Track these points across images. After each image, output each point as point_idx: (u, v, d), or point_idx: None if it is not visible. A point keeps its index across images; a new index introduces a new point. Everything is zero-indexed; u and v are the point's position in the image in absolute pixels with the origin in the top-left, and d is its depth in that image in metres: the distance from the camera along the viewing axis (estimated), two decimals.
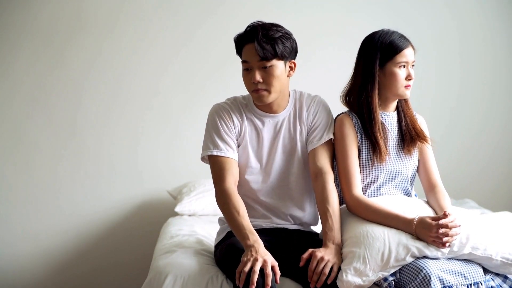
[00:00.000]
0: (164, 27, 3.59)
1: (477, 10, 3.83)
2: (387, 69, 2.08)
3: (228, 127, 2.12)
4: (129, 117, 3.57)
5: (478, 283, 1.88)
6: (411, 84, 2.10)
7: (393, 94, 2.11)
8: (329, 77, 3.67)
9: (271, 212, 2.18)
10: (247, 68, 2.07)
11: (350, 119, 2.13)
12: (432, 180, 2.17)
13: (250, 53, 2.04)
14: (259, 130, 2.15)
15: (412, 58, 2.10)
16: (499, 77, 3.87)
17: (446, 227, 1.87)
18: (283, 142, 2.15)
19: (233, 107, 2.16)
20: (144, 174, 3.59)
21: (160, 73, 3.60)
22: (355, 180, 2.06)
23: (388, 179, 2.14)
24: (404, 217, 1.94)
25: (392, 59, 2.07)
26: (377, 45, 2.09)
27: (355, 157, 2.09)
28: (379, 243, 1.88)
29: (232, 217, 1.98)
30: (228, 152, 2.09)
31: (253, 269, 1.80)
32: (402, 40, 2.09)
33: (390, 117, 2.16)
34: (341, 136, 2.11)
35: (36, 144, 3.50)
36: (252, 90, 2.08)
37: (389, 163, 2.12)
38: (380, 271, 1.87)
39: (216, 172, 2.08)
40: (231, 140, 2.11)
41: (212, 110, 2.18)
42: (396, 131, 2.16)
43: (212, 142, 2.10)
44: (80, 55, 3.53)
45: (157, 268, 2.07)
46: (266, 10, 3.63)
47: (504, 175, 3.88)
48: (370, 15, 3.71)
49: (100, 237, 3.57)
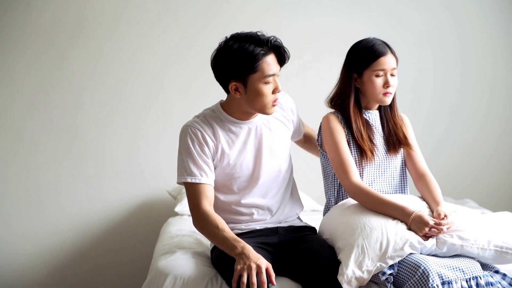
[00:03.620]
0: (166, 29, 3.59)
1: (476, 10, 3.83)
2: (364, 76, 2.13)
3: (202, 149, 2.08)
4: (129, 117, 3.58)
5: (476, 277, 1.88)
6: (391, 92, 2.12)
7: (373, 100, 2.16)
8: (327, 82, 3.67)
9: (264, 213, 2.18)
10: (270, 81, 2.04)
11: (336, 116, 2.18)
12: (419, 169, 2.20)
13: (274, 63, 2.03)
14: (240, 138, 2.13)
15: (391, 66, 2.11)
16: (499, 77, 3.87)
17: (440, 230, 1.90)
18: (267, 143, 2.15)
19: (203, 126, 2.10)
20: (144, 174, 3.59)
21: (162, 74, 3.60)
22: (351, 167, 2.09)
23: (377, 174, 2.17)
24: (403, 206, 1.97)
25: (369, 66, 2.11)
26: (357, 53, 2.14)
27: (346, 148, 2.12)
28: (377, 233, 1.90)
29: (213, 234, 1.97)
30: (202, 178, 2.05)
31: (251, 281, 1.80)
32: (381, 48, 2.11)
33: (374, 115, 2.21)
34: (329, 131, 2.14)
35: (37, 144, 3.51)
36: (274, 101, 2.07)
37: (376, 158, 2.16)
38: (379, 261, 1.88)
39: (190, 198, 2.06)
40: (204, 164, 2.07)
41: (183, 133, 2.11)
42: (380, 128, 2.21)
43: (185, 168, 2.07)
44: (82, 56, 3.53)
45: (157, 269, 2.07)
46: (267, 14, 3.64)
47: (504, 175, 3.88)
48: (370, 19, 3.71)
49: (100, 237, 3.57)
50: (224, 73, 2.04)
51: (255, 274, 1.81)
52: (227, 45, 2.02)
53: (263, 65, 1.99)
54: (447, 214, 1.97)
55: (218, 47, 2.06)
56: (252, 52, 1.97)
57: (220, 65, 2.05)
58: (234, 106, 2.11)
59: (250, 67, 1.98)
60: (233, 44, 2.01)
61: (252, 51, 1.97)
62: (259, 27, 2.14)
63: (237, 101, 2.08)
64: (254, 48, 1.97)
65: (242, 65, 1.98)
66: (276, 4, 3.67)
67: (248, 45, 1.98)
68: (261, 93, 2.01)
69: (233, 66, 2.00)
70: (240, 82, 2.02)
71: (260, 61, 1.98)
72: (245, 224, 2.16)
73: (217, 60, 2.06)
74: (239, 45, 1.99)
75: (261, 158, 2.13)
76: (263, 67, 1.99)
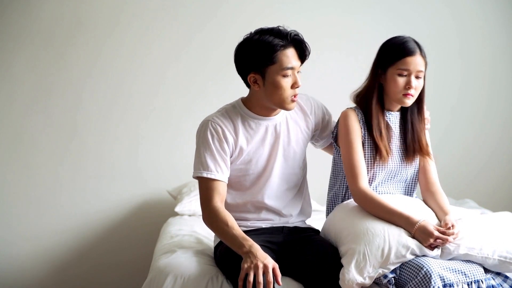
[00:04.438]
0: (165, 28, 3.58)
1: (477, 10, 3.83)
2: (388, 74, 2.09)
3: (221, 146, 2.07)
4: (129, 117, 3.57)
5: (478, 281, 1.88)
6: (412, 94, 2.07)
7: (393, 99, 2.12)
8: (329, 80, 3.68)
9: (272, 213, 2.18)
10: (289, 74, 2.03)
11: (355, 114, 2.14)
12: (430, 180, 2.17)
13: (294, 57, 2.03)
14: (259, 134, 2.13)
15: (417, 68, 2.06)
16: (499, 76, 3.87)
17: (445, 240, 1.88)
18: (282, 144, 2.15)
19: (224, 121, 2.10)
20: (144, 174, 3.59)
21: (161, 74, 3.59)
22: (361, 172, 2.06)
23: (387, 178, 2.15)
24: (408, 216, 1.94)
25: (393, 64, 2.07)
26: (387, 48, 2.11)
27: (360, 150, 2.09)
28: (379, 240, 1.89)
29: (222, 231, 1.98)
30: (217, 174, 2.05)
31: (257, 280, 1.81)
32: (411, 47, 2.07)
33: (394, 117, 2.17)
34: (346, 129, 2.11)
35: (37, 144, 3.50)
36: (294, 96, 2.06)
37: (390, 162, 2.13)
38: (380, 268, 1.88)
39: (203, 193, 2.06)
40: (221, 161, 2.06)
41: (203, 126, 2.10)
42: (398, 132, 2.17)
43: (202, 163, 2.06)
44: (81, 56, 3.53)
45: (157, 268, 2.07)
46: (267, 13, 3.63)
47: (504, 175, 3.89)
48: (371, 17, 3.71)
49: (100, 237, 3.57)
50: (244, 65, 2.06)
51: (261, 274, 1.82)
52: (249, 37, 2.04)
53: (282, 57, 2.00)
54: (454, 224, 1.94)
55: (240, 42, 2.08)
56: (270, 43, 1.98)
57: (241, 57, 2.07)
58: (254, 101, 2.11)
59: (268, 58, 1.99)
60: (254, 36, 2.03)
61: (270, 42, 1.98)
62: (259, 27, 2.13)
63: (257, 94, 2.08)
64: (273, 39, 1.99)
65: (260, 56, 1.99)
66: (276, 3, 3.67)
67: (268, 36, 2.00)
68: (279, 85, 2.01)
69: (252, 57, 2.01)
70: (258, 73, 2.03)
71: (278, 52, 1.99)
72: (251, 221, 2.17)
73: (238, 53, 2.08)
74: (259, 36, 2.01)
75: (275, 158, 2.14)
76: (281, 59, 2.00)
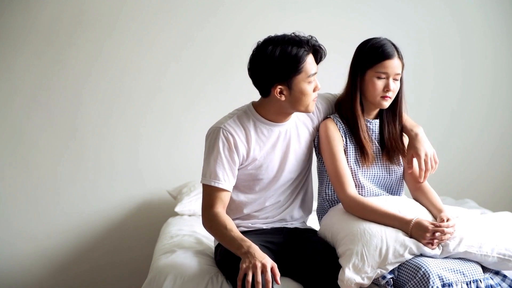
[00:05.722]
0: (165, 28, 3.58)
1: (477, 10, 3.83)
2: (366, 76, 2.09)
3: (231, 156, 2.06)
4: (129, 117, 3.57)
5: (477, 280, 1.88)
6: (390, 96, 2.08)
7: (370, 102, 2.12)
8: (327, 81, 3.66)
9: (275, 215, 2.20)
10: (313, 80, 2.05)
11: (334, 123, 2.15)
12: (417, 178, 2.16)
13: (314, 62, 2.05)
14: (270, 140, 2.12)
15: (395, 71, 2.07)
16: (500, 77, 3.87)
17: (442, 232, 1.88)
18: (293, 148, 2.16)
19: (236, 129, 2.08)
20: (144, 174, 3.59)
21: (161, 74, 3.59)
22: (347, 180, 2.07)
23: (372, 184, 2.16)
24: (401, 216, 1.95)
25: (372, 67, 2.07)
26: (365, 51, 2.10)
27: (343, 158, 2.10)
28: (377, 240, 1.89)
29: (220, 233, 1.98)
30: (224, 183, 2.05)
31: (256, 279, 1.81)
32: (388, 51, 2.07)
33: (373, 125, 2.17)
34: (327, 139, 2.12)
35: (36, 144, 3.50)
36: (314, 98, 2.08)
37: (373, 168, 2.14)
38: (379, 268, 1.88)
39: (206, 199, 2.06)
40: (230, 170, 2.06)
41: (215, 133, 2.08)
42: (378, 140, 2.17)
43: (211, 172, 2.05)
44: (81, 55, 3.53)
45: (157, 268, 2.08)
46: (266, 13, 3.63)
47: (504, 175, 3.88)
48: (371, 19, 3.70)
49: (100, 237, 3.57)
50: (267, 77, 2.03)
51: (260, 273, 1.82)
52: (267, 50, 2.01)
53: (306, 66, 2.01)
54: (450, 218, 1.94)
55: (256, 53, 2.05)
56: (296, 55, 1.98)
57: (263, 71, 2.03)
58: (269, 108, 2.10)
59: (295, 69, 1.99)
60: (274, 49, 2.00)
61: (296, 54, 1.99)
62: (258, 27, 2.13)
63: (279, 103, 2.06)
64: (297, 51, 1.99)
65: (288, 68, 1.99)
66: (276, 3, 3.66)
67: (290, 47, 1.99)
68: (306, 92, 2.03)
69: (277, 70, 2.00)
70: (285, 84, 2.02)
71: (304, 62, 2.00)
72: (251, 221, 2.17)
73: (257, 66, 2.05)
74: (281, 48, 2.00)
75: (286, 162, 2.14)
76: (306, 67, 2.01)
